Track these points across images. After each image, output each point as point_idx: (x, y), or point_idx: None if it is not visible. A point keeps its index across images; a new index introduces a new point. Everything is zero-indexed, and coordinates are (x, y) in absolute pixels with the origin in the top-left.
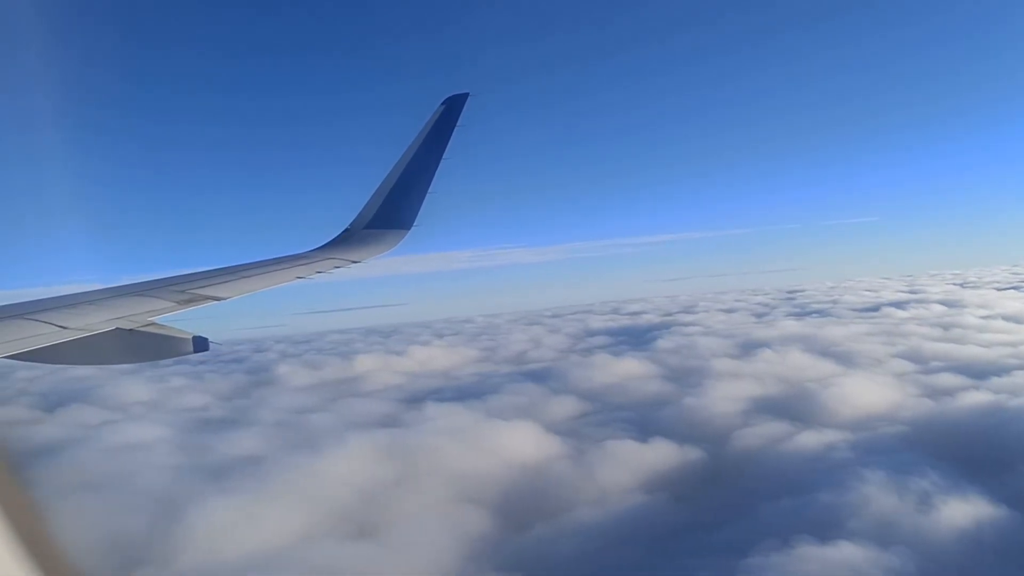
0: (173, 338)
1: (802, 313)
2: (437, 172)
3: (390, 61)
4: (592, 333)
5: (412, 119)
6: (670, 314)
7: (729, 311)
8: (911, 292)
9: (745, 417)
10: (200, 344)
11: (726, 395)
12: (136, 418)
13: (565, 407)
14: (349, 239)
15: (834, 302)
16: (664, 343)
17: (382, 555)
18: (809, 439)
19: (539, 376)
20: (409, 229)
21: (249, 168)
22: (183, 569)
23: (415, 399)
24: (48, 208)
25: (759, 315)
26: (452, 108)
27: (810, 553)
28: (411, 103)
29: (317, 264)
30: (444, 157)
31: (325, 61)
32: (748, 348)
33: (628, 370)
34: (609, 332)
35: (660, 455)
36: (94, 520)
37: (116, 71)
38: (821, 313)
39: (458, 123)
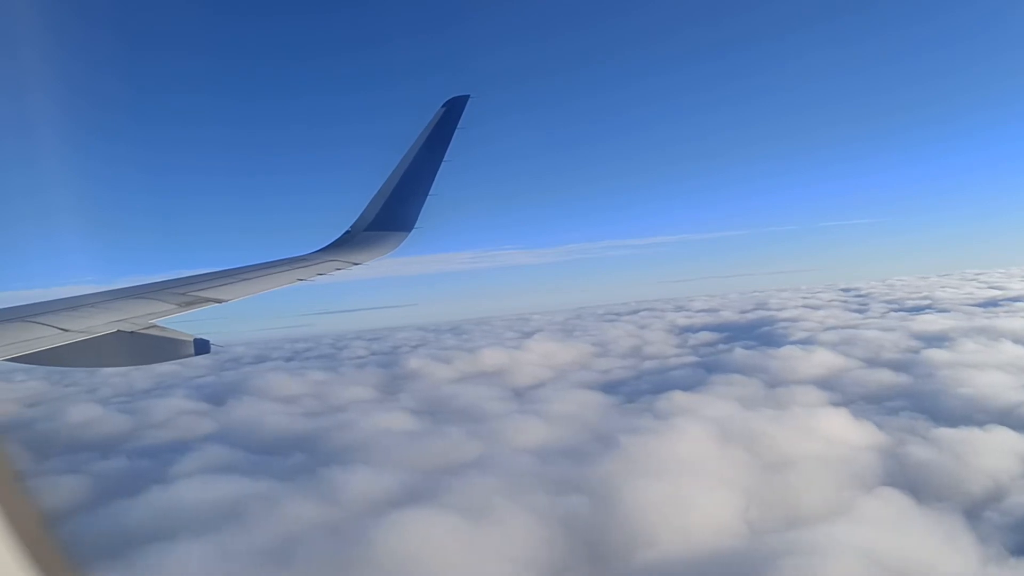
0: (174, 340)
1: (917, 309)
2: (438, 174)
3: (391, 63)
4: (687, 330)
5: (413, 121)
6: (744, 311)
7: (816, 308)
8: (995, 289)
9: None
10: (201, 346)
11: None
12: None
13: (811, 396)
14: (350, 241)
15: (925, 298)
16: (828, 336)
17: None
18: None
19: (720, 367)
20: (410, 231)
21: (250, 170)
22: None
23: (641, 389)
24: (49, 210)
25: (863, 311)
26: (453, 110)
27: None
28: (412, 105)
29: (318, 266)
30: (445, 159)
31: (326, 63)
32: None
33: (826, 361)
34: (705, 328)
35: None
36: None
37: (117, 73)
38: (927, 309)
39: (459, 125)
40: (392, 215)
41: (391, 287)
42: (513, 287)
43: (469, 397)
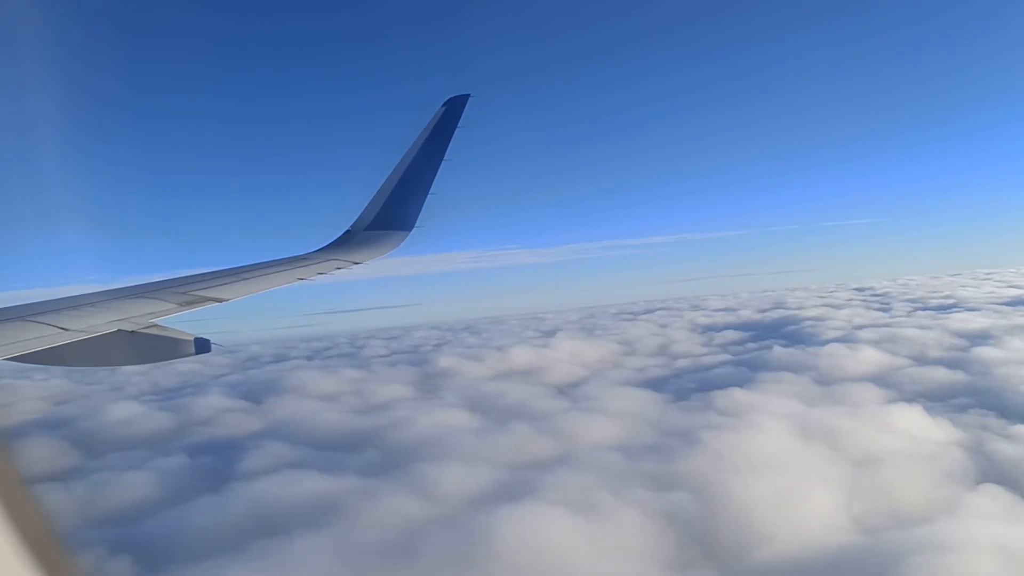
0: (175, 339)
1: (944, 308)
2: (438, 173)
3: (391, 63)
4: (710, 328)
5: (413, 121)
6: (763, 311)
7: (837, 307)
8: (1015, 288)
9: None
10: (202, 345)
11: None
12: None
13: (871, 393)
14: (350, 240)
15: (948, 297)
16: (866, 334)
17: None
18: None
19: (762, 365)
20: (410, 230)
21: (250, 170)
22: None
23: (686, 386)
24: (50, 210)
25: (887, 310)
26: (453, 109)
27: None
28: (412, 105)
29: (319, 265)
30: (445, 158)
31: (326, 63)
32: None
33: (873, 359)
34: (728, 327)
35: None
36: None
37: (118, 73)
38: (954, 308)
39: (459, 124)
40: (392, 214)
41: (392, 287)
42: (516, 287)
43: (516, 394)
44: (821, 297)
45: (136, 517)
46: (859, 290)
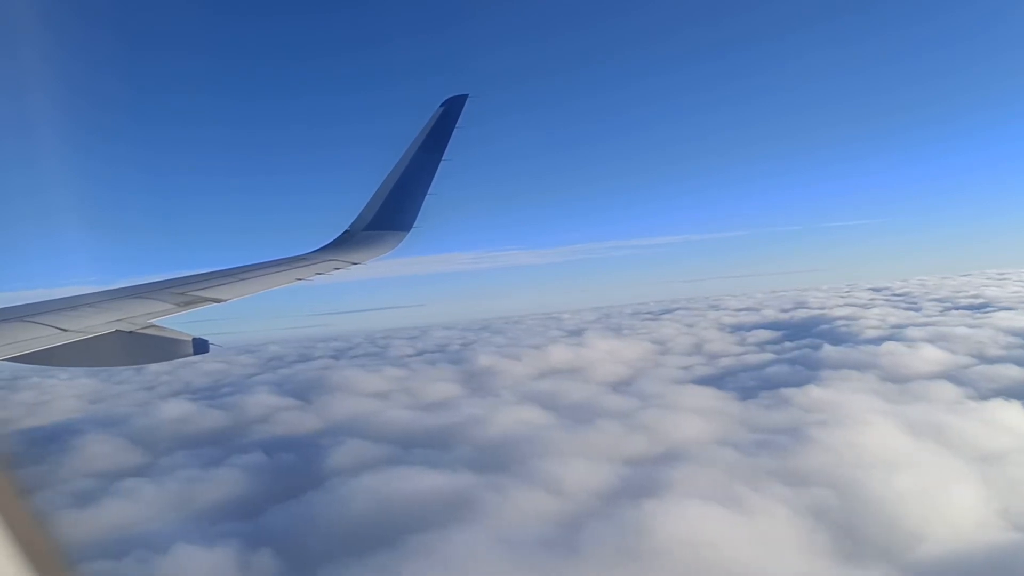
0: (173, 340)
1: (977, 307)
2: (437, 174)
3: (389, 63)
4: (738, 328)
5: (412, 121)
6: (786, 310)
7: (863, 307)
8: None
9: None
10: (200, 346)
11: None
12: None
13: (949, 391)
14: (349, 241)
15: (976, 296)
16: (913, 333)
17: None
18: None
19: (818, 364)
20: (409, 231)
21: (249, 170)
22: None
23: (747, 384)
24: (48, 210)
25: (917, 309)
26: (451, 109)
27: None
28: (411, 105)
29: (317, 266)
30: (444, 159)
31: (325, 63)
32: None
33: (935, 357)
34: (756, 327)
35: None
36: None
37: (117, 73)
38: (987, 307)
39: (457, 124)
40: (391, 214)
41: (392, 287)
42: (519, 288)
43: (577, 392)
44: (842, 297)
45: (253, 512)
46: (876, 290)
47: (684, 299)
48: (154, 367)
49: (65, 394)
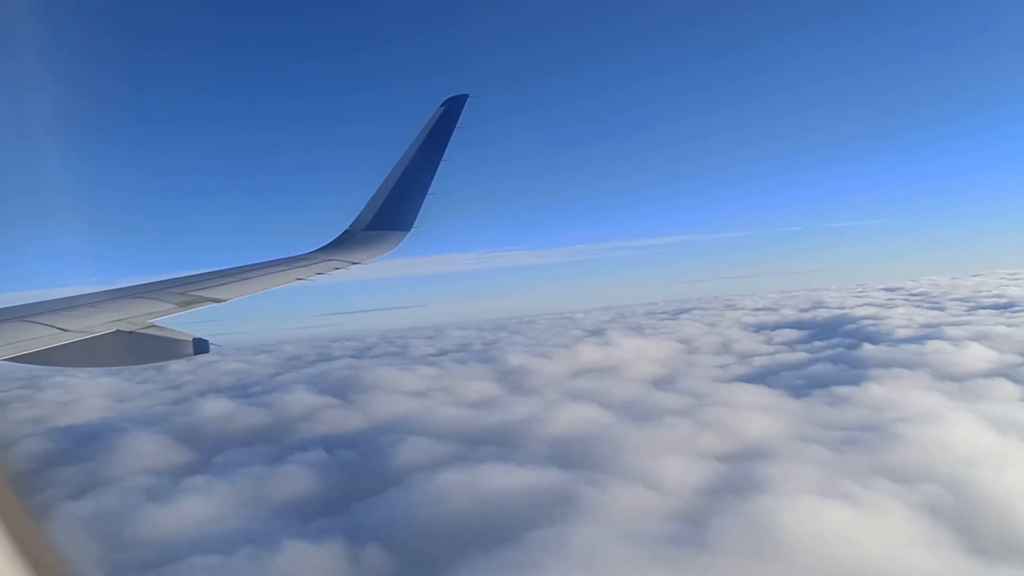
0: (173, 340)
1: (1004, 306)
2: (437, 173)
3: (389, 63)
4: (761, 328)
5: (412, 121)
6: (804, 310)
7: (885, 306)
8: None
9: None
10: (200, 346)
11: None
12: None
13: (1008, 389)
14: (349, 240)
15: (999, 296)
16: (954, 332)
17: None
18: None
19: (861, 363)
20: (409, 230)
21: (249, 170)
22: None
23: (794, 383)
24: (48, 210)
25: (941, 309)
26: (451, 109)
27: None
28: (411, 105)
29: (317, 266)
30: (444, 158)
31: (324, 63)
32: None
33: (984, 356)
34: (780, 326)
35: None
36: None
37: (117, 73)
38: (1014, 307)
39: (458, 124)
40: (391, 214)
41: (393, 288)
42: (521, 288)
43: (623, 390)
44: (858, 297)
45: (342, 509)
46: (890, 290)
47: (694, 299)
48: (176, 366)
49: (90, 393)
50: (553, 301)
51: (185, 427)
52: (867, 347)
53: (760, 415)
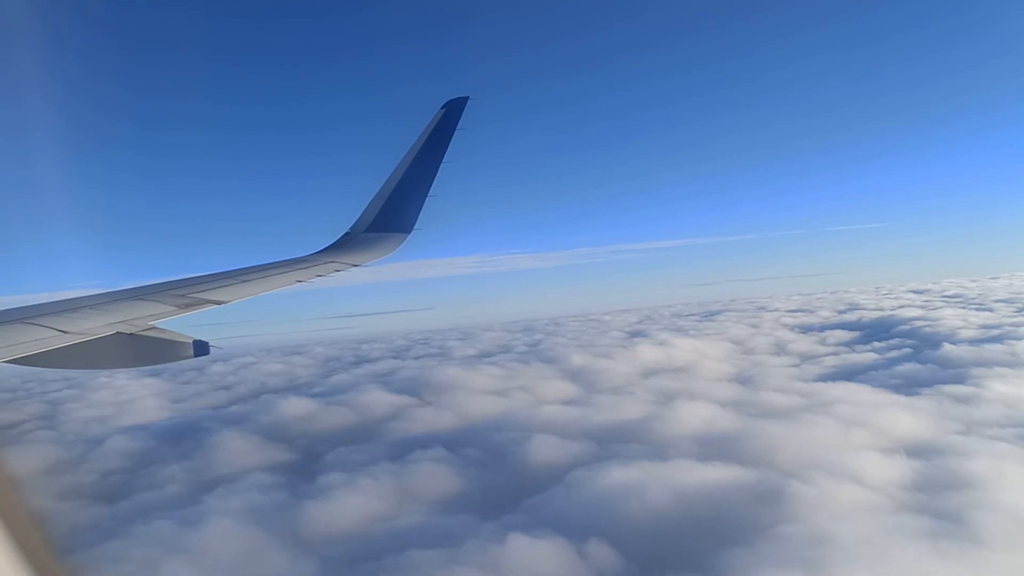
0: (173, 342)
1: None
2: (437, 176)
3: (390, 65)
4: (808, 329)
5: (413, 124)
6: (841, 312)
7: (929, 308)
8: None
9: None
10: (201, 348)
11: None
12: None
13: None
14: (350, 242)
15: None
16: None
17: None
18: None
19: (949, 363)
20: (409, 232)
21: (249, 172)
22: None
23: (888, 383)
24: (49, 214)
25: (988, 310)
26: (452, 112)
27: None
28: (412, 107)
29: (317, 268)
30: (444, 161)
31: (325, 66)
32: None
33: None
34: (826, 327)
35: None
36: None
37: (119, 77)
38: None
39: (459, 127)
40: (391, 216)
41: (394, 291)
42: (527, 290)
43: (714, 389)
44: (890, 299)
45: (517, 502)
46: (917, 292)
47: (710, 301)
48: (217, 368)
49: (140, 393)
50: (563, 304)
51: (270, 426)
52: (948, 347)
53: (895, 412)
